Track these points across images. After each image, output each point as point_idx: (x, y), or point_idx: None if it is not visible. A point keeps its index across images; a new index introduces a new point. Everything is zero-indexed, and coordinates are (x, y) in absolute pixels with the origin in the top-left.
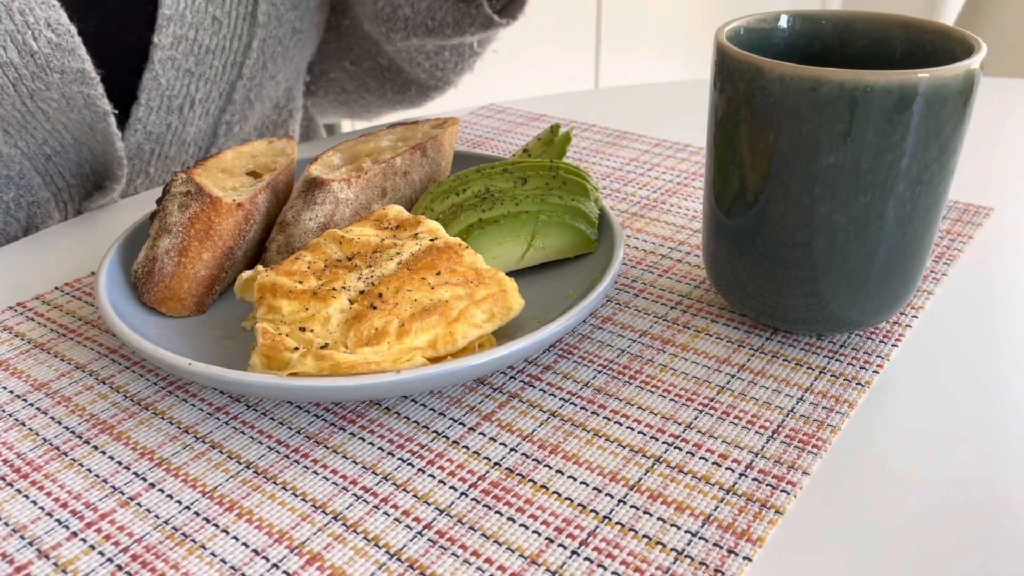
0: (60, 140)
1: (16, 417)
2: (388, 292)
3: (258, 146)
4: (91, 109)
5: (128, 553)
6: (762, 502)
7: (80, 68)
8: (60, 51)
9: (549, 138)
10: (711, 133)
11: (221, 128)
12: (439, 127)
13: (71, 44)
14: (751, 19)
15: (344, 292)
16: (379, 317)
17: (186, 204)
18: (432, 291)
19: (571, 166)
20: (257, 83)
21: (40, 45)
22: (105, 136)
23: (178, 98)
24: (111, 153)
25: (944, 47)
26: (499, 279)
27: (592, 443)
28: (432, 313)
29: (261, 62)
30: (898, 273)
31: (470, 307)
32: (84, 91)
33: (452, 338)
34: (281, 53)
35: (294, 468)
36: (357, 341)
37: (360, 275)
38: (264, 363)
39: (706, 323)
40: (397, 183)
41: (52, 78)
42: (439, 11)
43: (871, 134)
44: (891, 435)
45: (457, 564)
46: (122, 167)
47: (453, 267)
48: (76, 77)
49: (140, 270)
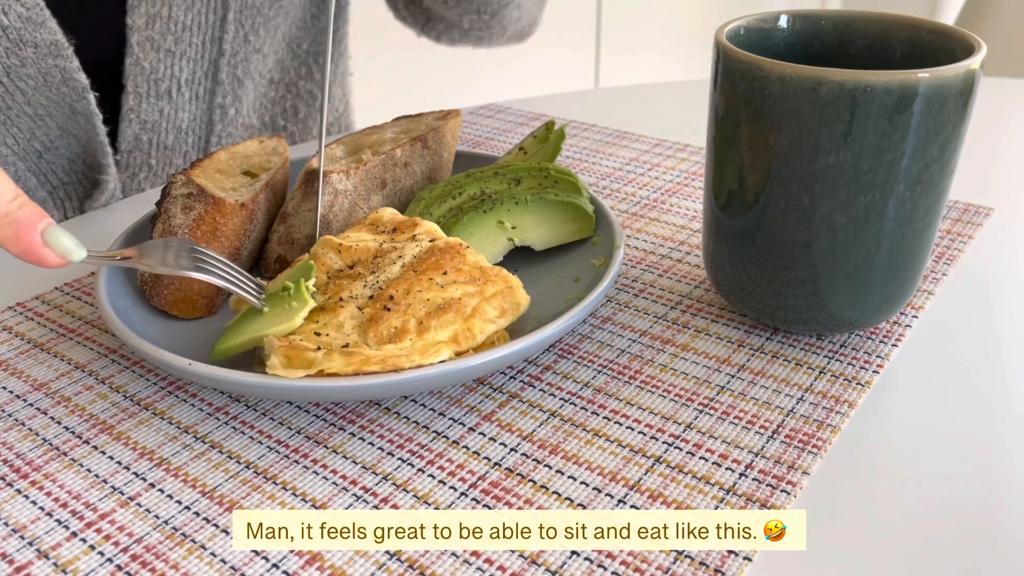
0: (47, 132)
1: (16, 417)
2: (399, 294)
3: (250, 146)
4: (69, 85)
5: (128, 553)
6: (762, 502)
7: (53, 40)
8: (31, 24)
9: (544, 135)
10: (711, 133)
11: (216, 113)
12: (442, 119)
13: (41, 16)
14: (751, 19)
15: (352, 301)
16: (396, 317)
17: (189, 206)
18: (442, 290)
19: (561, 168)
20: (242, 58)
21: (11, 19)
22: (87, 118)
23: (164, 81)
24: (95, 139)
25: (944, 47)
26: (504, 276)
27: (592, 443)
28: (447, 311)
29: (241, 35)
30: (898, 273)
31: (482, 304)
32: (59, 64)
33: (471, 333)
34: (262, 23)
35: (294, 468)
36: (378, 340)
37: (365, 282)
38: (285, 363)
39: (706, 323)
40: (397, 174)
41: (26, 53)
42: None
43: (871, 134)
44: (891, 435)
45: (457, 564)
46: (107, 155)
47: (458, 266)
48: (50, 50)
49: (147, 274)
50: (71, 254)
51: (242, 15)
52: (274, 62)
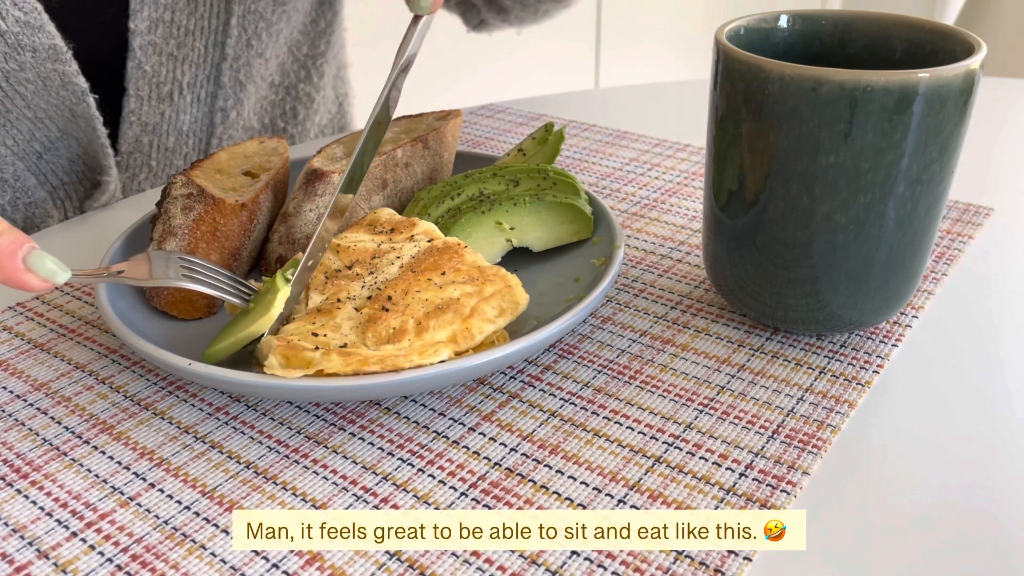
0: (47, 133)
1: (16, 417)
2: (397, 294)
3: (250, 146)
4: (68, 89)
5: (128, 553)
6: (762, 502)
7: (51, 44)
8: (29, 28)
9: (544, 136)
10: (711, 133)
11: (217, 116)
12: (442, 119)
13: (39, 21)
14: (751, 19)
15: (349, 302)
16: (394, 317)
17: (189, 206)
18: (441, 290)
19: (560, 169)
20: (244, 62)
21: (8, 24)
22: (87, 120)
23: (166, 84)
24: (95, 141)
25: (944, 47)
26: (503, 275)
27: (592, 443)
28: (446, 311)
29: (244, 39)
30: (898, 273)
31: (481, 303)
32: (58, 68)
33: (470, 333)
34: (264, 28)
35: (294, 468)
36: (377, 340)
37: (363, 283)
38: (283, 363)
39: (706, 323)
40: (398, 174)
41: (25, 57)
42: None
43: (871, 134)
44: (891, 435)
45: (457, 564)
46: (107, 156)
47: (456, 266)
48: (48, 55)
49: None
50: (55, 276)
51: (245, 20)
52: (275, 65)
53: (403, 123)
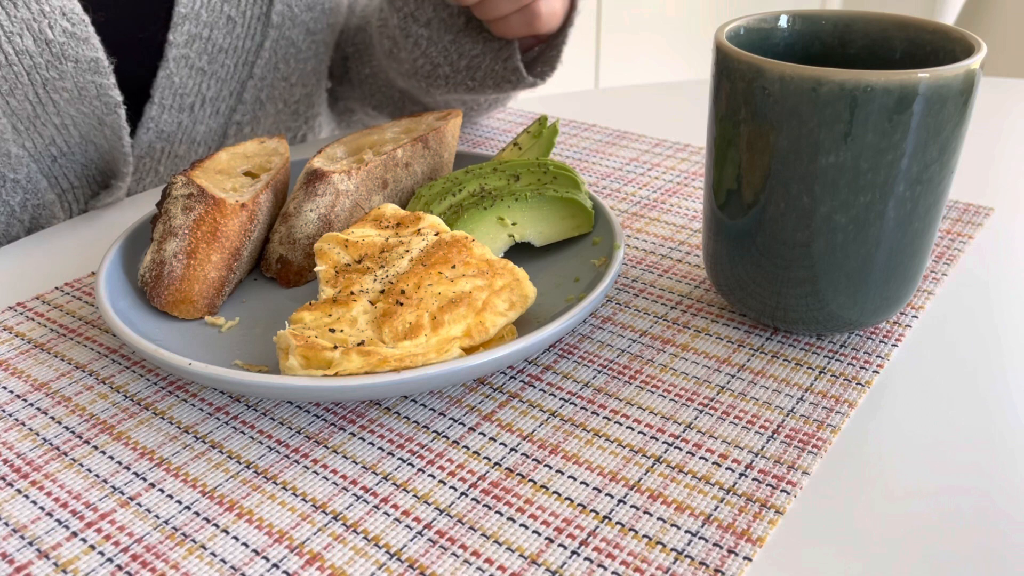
0: (67, 139)
1: (16, 417)
2: (410, 288)
3: (250, 146)
4: (103, 100)
5: (128, 553)
6: (762, 502)
7: (94, 57)
8: (75, 40)
9: (538, 130)
10: (711, 133)
11: (231, 128)
12: (442, 119)
13: (85, 33)
14: (751, 19)
15: (363, 295)
16: (409, 312)
17: (190, 207)
18: (452, 284)
19: (559, 163)
20: (268, 83)
21: (55, 34)
22: (114, 130)
23: (190, 96)
24: (118, 149)
25: (944, 47)
26: (511, 269)
27: (592, 443)
28: (459, 304)
29: (273, 62)
30: (898, 273)
31: (492, 297)
32: (97, 80)
33: (484, 327)
34: (294, 55)
35: (294, 468)
36: (394, 336)
37: (375, 276)
38: (303, 364)
39: (706, 323)
40: (399, 174)
41: (66, 67)
42: (478, 71)
43: (871, 134)
44: (891, 435)
45: (457, 564)
46: (128, 164)
47: (466, 259)
48: (89, 66)
49: (148, 274)
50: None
51: (278, 44)
52: (302, 95)
53: (403, 123)
